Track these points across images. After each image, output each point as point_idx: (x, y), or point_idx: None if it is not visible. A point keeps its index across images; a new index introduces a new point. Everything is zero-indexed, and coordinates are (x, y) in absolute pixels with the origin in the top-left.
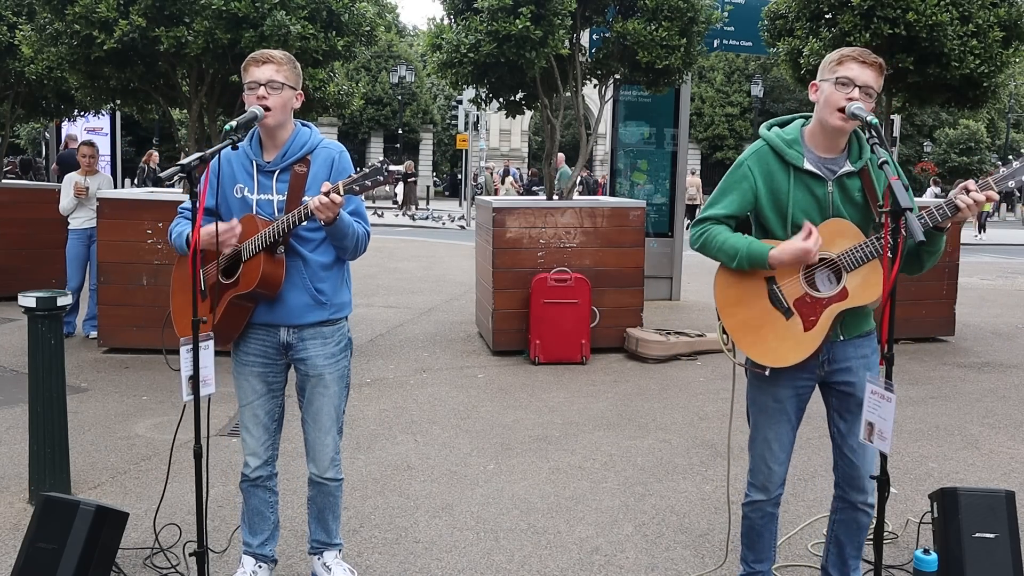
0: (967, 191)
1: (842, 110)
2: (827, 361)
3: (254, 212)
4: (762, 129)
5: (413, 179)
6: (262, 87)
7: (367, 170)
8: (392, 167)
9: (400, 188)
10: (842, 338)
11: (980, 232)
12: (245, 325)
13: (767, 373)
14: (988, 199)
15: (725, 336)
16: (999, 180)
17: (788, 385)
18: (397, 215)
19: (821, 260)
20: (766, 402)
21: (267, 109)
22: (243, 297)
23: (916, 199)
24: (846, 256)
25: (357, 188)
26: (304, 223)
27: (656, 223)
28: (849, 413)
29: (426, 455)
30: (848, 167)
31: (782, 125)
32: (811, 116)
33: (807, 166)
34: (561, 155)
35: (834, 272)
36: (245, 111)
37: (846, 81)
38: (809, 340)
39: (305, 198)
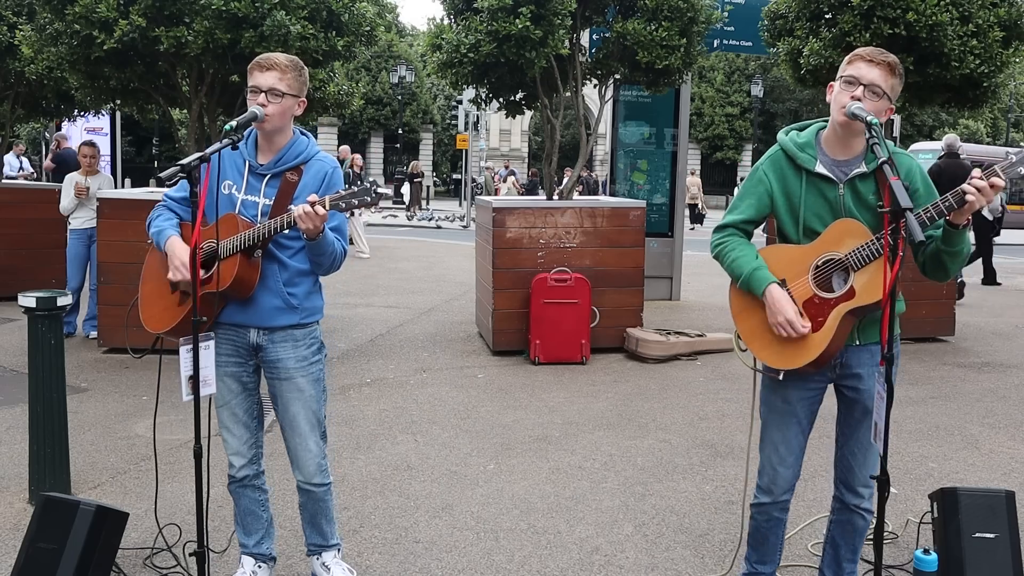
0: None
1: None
2: (840, 365)
3: (236, 211)
4: (780, 134)
5: (419, 179)
6: (263, 94)
7: (355, 189)
8: (380, 189)
9: (406, 188)
10: (858, 342)
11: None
12: (214, 323)
13: (780, 377)
14: (994, 186)
15: (741, 342)
16: (1006, 168)
17: (799, 387)
18: (407, 215)
19: (830, 261)
20: (775, 403)
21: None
22: (214, 294)
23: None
24: (853, 255)
25: (343, 205)
26: (286, 231)
27: (656, 223)
28: (852, 418)
29: (426, 455)
30: (861, 168)
31: (801, 129)
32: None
33: (819, 169)
34: (345, 147)
35: (845, 272)
36: (247, 110)
37: (851, 79)
38: (817, 341)
39: (291, 206)
